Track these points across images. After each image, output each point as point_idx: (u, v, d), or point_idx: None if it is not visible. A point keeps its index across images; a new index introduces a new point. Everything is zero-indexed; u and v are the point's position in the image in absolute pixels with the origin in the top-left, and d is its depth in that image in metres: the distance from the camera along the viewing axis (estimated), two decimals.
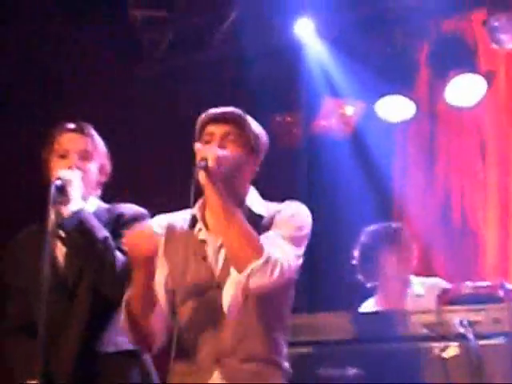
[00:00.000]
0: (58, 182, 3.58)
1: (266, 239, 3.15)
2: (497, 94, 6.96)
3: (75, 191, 3.62)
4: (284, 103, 7.08)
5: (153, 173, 6.62)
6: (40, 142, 3.92)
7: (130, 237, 3.00)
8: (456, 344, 4.06)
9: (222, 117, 3.31)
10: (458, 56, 6.71)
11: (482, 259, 6.90)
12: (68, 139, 3.83)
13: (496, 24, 6.47)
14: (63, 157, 3.79)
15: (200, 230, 3.30)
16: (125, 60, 7.04)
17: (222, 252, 3.23)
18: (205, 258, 3.26)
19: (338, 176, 6.83)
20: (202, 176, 3.09)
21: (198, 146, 3.21)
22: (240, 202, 3.34)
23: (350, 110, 7.17)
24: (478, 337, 4.00)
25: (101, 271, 3.61)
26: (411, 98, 6.91)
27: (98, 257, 3.59)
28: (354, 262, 5.34)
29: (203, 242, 3.29)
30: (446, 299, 4.47)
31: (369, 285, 5.37)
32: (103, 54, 6.90)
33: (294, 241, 3.26)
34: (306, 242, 3.32)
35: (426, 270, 5.37)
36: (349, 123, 7.19)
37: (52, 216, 3.59)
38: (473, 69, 6.69)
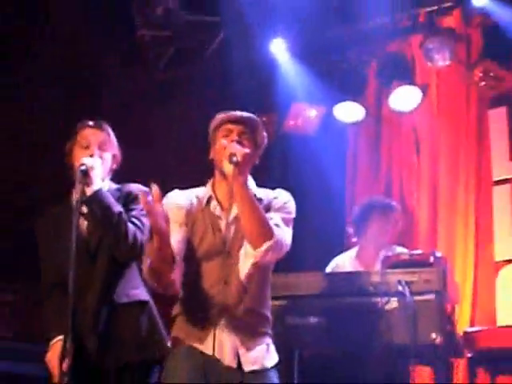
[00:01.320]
0: (83, 167, 3.57)
1: (271, 220, 3.20)
2: (430, 102, 6.95)
3: (96, 174, 3.61)
4: (261, 106, 6.89)
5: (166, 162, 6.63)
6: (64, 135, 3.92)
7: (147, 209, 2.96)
8: (396, 299, 4.16)
9: (241, 118, 3.32)
10: (399, 71, 6.72)
11: (416, 233, 6.89)
12: (89, 133, 3.81)
13: (430, 46, 6.50)
14: (86, 147, 3.76)
15: (215, 207, 3.31)
16: (134, 70, 7.05)
17: (232, 227, 3.25)
18: (220, 230, 3.28)
19: (304, 166, 6.83)
20: (230, 168, 3.13)
21: (224, 142, 3.25)
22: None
23: (313, 113, 7.12)
24: (413, 294, 4.10)
25: (116, 239, 3.58)
26: (362, 104, 6.90)
27: (114, 227, 3.56)
28: (352, 217, 5.37)
29: (218, 217, 3.30)
30: (389, 263, 4.54)
31: (354, 239, 5.38)
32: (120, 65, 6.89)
33: (288, 223, 3.32)
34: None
35: None
36: (312, 123, 7.15)
37: (78, 194, 3.58)
38: (411, 81, 6.71)
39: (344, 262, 5.27)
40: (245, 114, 3.35)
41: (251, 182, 3.39)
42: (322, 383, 4.55)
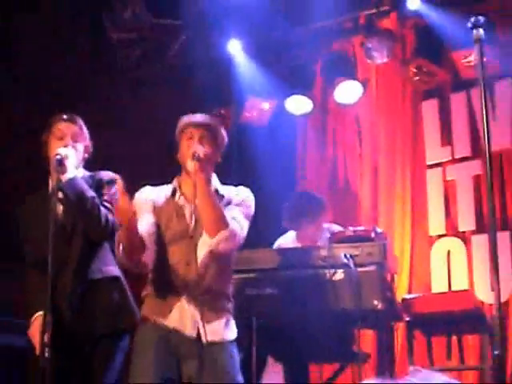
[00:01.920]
0: (58, 157, 3.54)
1: (229, 212, 3.29)
2: (370, 95, 7.02)
3: (70, 163, 3.59)
4: (219, 100, 7.02)
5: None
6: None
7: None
8: (342, 270, 4.17)
9: (201, 123, 3.37)
10: (343, 68, 6.76)
11: (359, 210, 6.98)
12: (64, 126, 3.77)
13: (370, 45, 6.52)
14: (60, 138, 3.73)
15: (179, 197, 3.38)
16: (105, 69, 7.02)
17: (193, 215, 3.31)
18: (184, 217, 3.34)
19: (258, 154, 6.84)
20: (193, 165, 3.21)
21: (187, 143, 3.32)
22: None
23: (266, 106, 7.11)
24: (357, 265, 4.12)
25: (89, 221, 3.58)
26: (310, 98, 6.91)
27: (88, 211, 3.54)
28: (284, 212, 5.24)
29: (183, 206, 3.36)
30: (336, 239, 4.57)
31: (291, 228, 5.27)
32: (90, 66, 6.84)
33: (246, 217, 3.40)
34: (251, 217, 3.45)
35: None
36: (265, 115, 7.16)
37: (53, 181, 3.59)
38: (353, 77, 6.75)
39: (287, 244, 5.25)
40: (206, 118, 3.42)
41: (215, 180, 3.45)
42: (277, 347, 4.64)
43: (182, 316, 3.24)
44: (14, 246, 3.85)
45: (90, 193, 3.60)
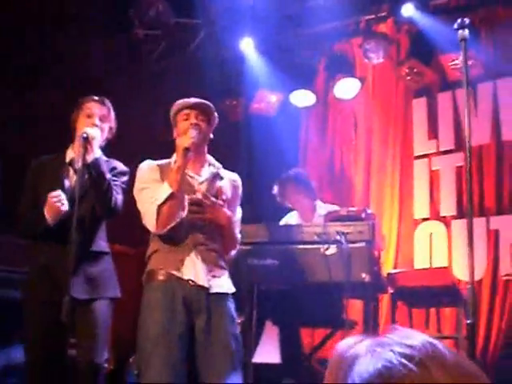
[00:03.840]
0: (84, 135, 3.47)
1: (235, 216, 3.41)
2: (366, 91, 6.99)
3: (96, 143, 3.52)
4: (232, 92, 7.02)
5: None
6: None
7: None
8: (335, 246, 4.14)
9: (196, 104, 3.31)
10: (343, 66, 6.76)
11: (353, 193, 6.97)
12: (93, 105, 3.70)
13: (367, 47, 6.51)
14: (89, 116, 3.66)
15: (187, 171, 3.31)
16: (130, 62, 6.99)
17: (204, 185, 3.34)
18: (192, 186, 3.32)
19: (266, 142, 6.77)
20: (191, 132, 3.20)
21: (184, 124, 3.28)
22: (205, 158, 3.41)
23: (273, 98, 7.09)
24: (348, 242, 4.09)
25: (103, 200, 3.53)
26: (313, 92, 6.90)
27: (104, 191, 3.50)
28: (275, 190, 5.17)
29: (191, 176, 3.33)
30: (330, 218, 4.53)
31: (286, 205, 5.23)
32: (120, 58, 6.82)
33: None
34: None
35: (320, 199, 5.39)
36: (273, 107, 7.13)
37: (76, 155, 3.57)
38: (352, 74, 6.74)
39: (291, 220, 5.22)
40: (198, 100, 3.34)
41: (210, 158, 3.43)
42: (275, 312, 4.64)
43: (195, 268, 3.20)
44: None
45: (108, 175, 3.56)
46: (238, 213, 3.46)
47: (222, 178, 3.40)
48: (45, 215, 3.53)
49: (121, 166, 3.76)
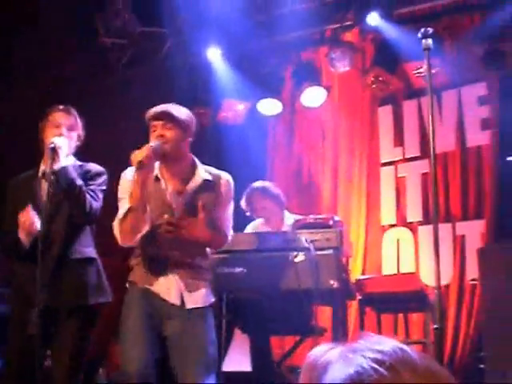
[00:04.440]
0: (52, 145, 3.48)
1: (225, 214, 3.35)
2: (333, 99, 7.02)
3: (63, 152, 3.51)
4: (199, 101, 6.94)
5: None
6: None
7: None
8: (303, 253, 4.10)
9: (159, 114, 3.25)
10: (309, 74, 6.76)
11: (320, 202, 6.99)
12: (59, 115, 3.69)
13: (333, 56, 6.55)
14: (56, 127, 3.65)
15: (161, 181, 3.31)
16: (97, 70, 6.94)
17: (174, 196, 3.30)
18: (165, 198, 3.29)
19: (234, 150, 6.77)
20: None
21: (152, 136, 3.24)
22: (193, 167, 3.34)
23: (241, 107, 7.09)
24: (316, 249, 4.07)
25: (76, 206, 3.52)
26: (279, 100, 6.91)
27: (75, 197, 3.49)
28: (243, 204, 5.12)
29: (163, 189, 3.30)
30: (298, 225, 4.55)
31: (254, 216, 5.20)
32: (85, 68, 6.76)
33: (231, 209, 3.42)
34: None
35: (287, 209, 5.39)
36: (240, 116, 7.13)
37: (46, 166, 3.54)
38: (318, 83, 6.75)
39: (255, 229, 5.17)
40: (162, 109, 3.26)
41: (199, 164, 3.37)
42: (244, 320, 4.62)
43: (168, 286, 3.20)
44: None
45: (79, 181, 3.54)
46: (230, 209, 3.42)
47: (209, 183, 3.34)
48: (19, 238, 3.53)
49: (95, 168, 3.74)
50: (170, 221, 3.19)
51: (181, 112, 3.31)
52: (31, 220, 3.48)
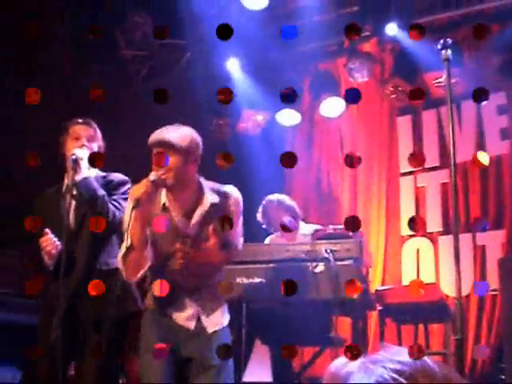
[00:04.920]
0: (74, 157, 3.50)
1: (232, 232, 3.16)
2: (351, 110, 7.01)
3: (84, 164, 3.52)
4: (218, 112, 7.02)
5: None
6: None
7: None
8: (323, 264, 4.12)
9: (159, 142, 3.07)
10: (328, 85, 6.80)
11: (339, 212, 6.98)
12: (80, 128, 3.71)
13: (352, 66, 6.60)
14: (76, 139, 3.66)
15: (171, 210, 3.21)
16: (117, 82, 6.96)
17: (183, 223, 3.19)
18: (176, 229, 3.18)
19: (253, 160, 6.73)
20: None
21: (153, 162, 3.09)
22: (200, 193, 3.20)
23: (260, 118, 7.13)
24: (336, 260, 4.08)
25: (99, 216, 3.46)
26: (298, 111, 6.95)
27: (97, 207, 3.50)
28: (259, 217, 5.16)
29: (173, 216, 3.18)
30: (318, 236, 4.59)
31: (271, 230, 5.18)
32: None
33: (240, 225, 3.29)
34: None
35: (306, 219, 5.40)
36: (259, 126, 7.17)
37: (68, 179, 3.59)
38: (337, 93, 6.76)
39: (272, 241, 5.13)
40: (161, 136, 3.10)
41: (205, 186, 3.23)
42: (264, 331, 4.62)
43: (183, 311, 3.16)
44: None
45: (101, 191, 3.55)
46: (240, 221, 3.28)
47: (217, 207, 3.21)
48: (43, 260, 3.57)
49: (118, 177, 3.75)
50: (182, 250, 3.13)
51: (181, 137, 3.11)
52: (52, 244, 3.51)
